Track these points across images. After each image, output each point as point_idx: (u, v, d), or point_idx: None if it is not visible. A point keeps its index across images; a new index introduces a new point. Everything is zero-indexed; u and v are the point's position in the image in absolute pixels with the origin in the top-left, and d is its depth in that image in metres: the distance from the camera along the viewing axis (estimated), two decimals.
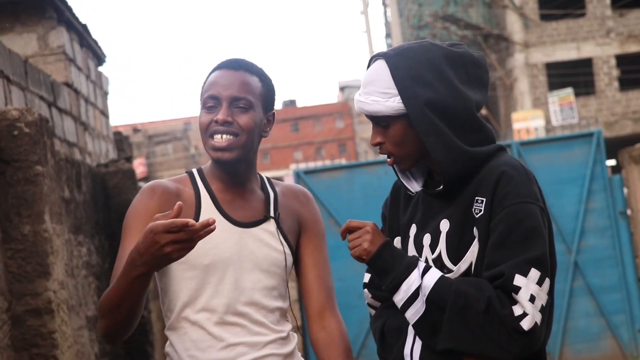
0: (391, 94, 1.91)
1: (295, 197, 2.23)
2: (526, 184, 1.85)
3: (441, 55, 1.92)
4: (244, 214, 2.11)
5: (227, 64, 2.10)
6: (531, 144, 8.10)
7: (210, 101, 2.06)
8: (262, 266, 2.10)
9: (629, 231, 7.94)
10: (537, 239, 1.82)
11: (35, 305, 3.42)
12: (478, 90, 1.96)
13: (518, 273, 1.78)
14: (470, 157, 1.90)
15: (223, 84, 2.06)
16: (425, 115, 1.88)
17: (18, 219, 3.42)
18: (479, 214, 1.87)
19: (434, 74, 1.89)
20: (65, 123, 6.11)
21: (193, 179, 2.14)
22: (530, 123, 18.36)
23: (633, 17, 23.93)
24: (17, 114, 3.45)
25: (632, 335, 7.84)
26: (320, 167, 8.28)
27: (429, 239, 1.96)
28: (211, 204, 2.10)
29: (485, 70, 1.99)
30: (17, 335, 3.40)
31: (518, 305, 1.78)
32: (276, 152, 62.45)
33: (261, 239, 2.11)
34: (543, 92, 23.42)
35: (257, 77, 2.11)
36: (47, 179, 3.54)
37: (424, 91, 1.88)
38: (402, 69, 1.90)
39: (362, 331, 7.74)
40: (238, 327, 2.06)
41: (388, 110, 1.91)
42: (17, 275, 3.42)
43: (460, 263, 1.89)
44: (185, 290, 2.06)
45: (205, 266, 2.05)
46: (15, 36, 6.36)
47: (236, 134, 2.05)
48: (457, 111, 1.89)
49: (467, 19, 24.83)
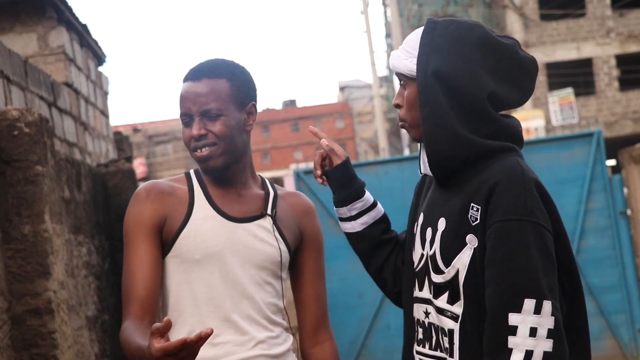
0: (412, 54, 1.91)
1: (298, 204, 2.24)
2: (520, 197, 1.75)
3: (477, 37, 1.86)
4: (239, 209, 2.13)
5: (190, 75, 2.12)
6: (531, 144, 8.09)
7: (185, 117, 2.10)
8: (255, 261, 2.10)
9: (629, 231, 7.94)
10: (523, 260, 1.73)
11: (35, 305, 3.42)
12: (505, 83, 1.87)
13: (511, 311, 1.72)
14: (462, 142, 1.82)
15: (190, 98, 2.09)
16: (429, 84, 1.84)
17: (18, 219, 3.42)
18: (475, 222, 1.81)
19: (458, 49, 1.84)
20: (65, 123, 6.11)
21: (189, 178, 2.19)
22: (530, 123, 18.36)
23: (633, 17, 23.93)
24: (17, 114, 3.45)
25: (632, 335, 7.84)
26: None
27: (430, 234, 1.93)
28: (204, 199, 2.12)
29: (524, 71, 1.89)
30: (17, 335, 3.40)
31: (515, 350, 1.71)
32: (276, 152, 62.46)
33: (255, 234, 2.12)
34: (543, 92, 23.43)
35: (222, 78, 2.11)
36: (47, 179, 3.53)
37: (438, 60, 1.84)
38: (432, 36, 1.88)
39: (362, 331, 7.74)
40: (228, 324, 2.06)
41: (404, 69, 1.92)
42: (17, 275, 3.41)
43: (449, 267, 1.85)
44: (177, 284, 2.08)
45: (196, 260, 2.06)
46: (15, 36, 6.36)
47: (214, 143, 2.08)
48: (466, 91, 1.82)
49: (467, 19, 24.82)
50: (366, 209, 2.13)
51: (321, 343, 2.23)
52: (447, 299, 1.86)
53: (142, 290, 2.04)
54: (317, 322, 2.24)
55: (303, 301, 2.25)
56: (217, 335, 2.04)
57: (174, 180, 2.18)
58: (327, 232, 8.09)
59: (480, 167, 1.84)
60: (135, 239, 2.07)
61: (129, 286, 2.06)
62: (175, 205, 2.10)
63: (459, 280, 1.83)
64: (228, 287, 2.07)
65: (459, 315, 1.84)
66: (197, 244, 2.06)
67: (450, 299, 1.86)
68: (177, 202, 2.11)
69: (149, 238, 2.07)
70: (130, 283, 2.06)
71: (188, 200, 2.12)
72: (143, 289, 2.04)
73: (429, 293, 1.93)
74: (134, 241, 2.07)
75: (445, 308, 1.87)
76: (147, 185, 2.14)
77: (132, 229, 2.09)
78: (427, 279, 1.93)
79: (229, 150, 2.10)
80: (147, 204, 2.09)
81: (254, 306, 2.10)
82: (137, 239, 2.07)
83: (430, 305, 1.92)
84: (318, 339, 2.23)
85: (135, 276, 2.05)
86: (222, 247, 2.08)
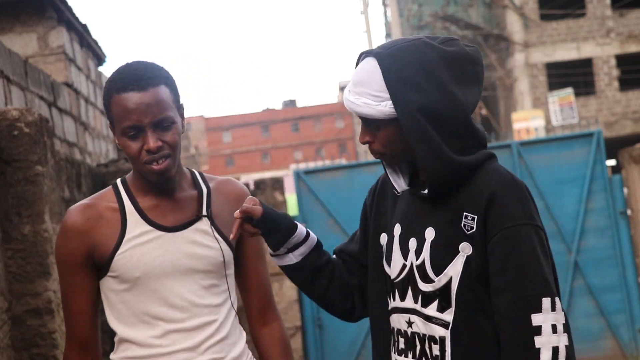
0: (383, 97, 1.87)
1: (232, 192, 2.21)
2: (519, 202, 1.84)
3: (436, 57, 1.86)
4: (174, 217, 2.09)
5: (132, 85, 1.99)
6: (531, 144, 8.09)
7: (131, 130, 1.99)
8: (198, 267, 2.08)
9: (629, 231, 7.94)
10: (536, 263, 1.81)
11: (35, 305, 3.42)
12: (475, 87, 1.91)
13: (533, 312, 1.78)
14: (457, 166, 1.87)
15: (139, 110, 1.97)
16: (416, 122, 1.84)
17: (18, 219, 3.42)
18: (470, 230, 1.85)
19: (428, 77, 1.84)
20: (65, 123, 6.11)
21: (117, 191, 2.12)
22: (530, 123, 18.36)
23: (633, 17, 23.93)
24: (17, 114, 3.45)
25: (632, 335, 7.84)
26: (320, 167, 8.28)
27: (414, 244, 1.94)
28: (137, 215, 2.07)
29: (480, 65, 1.94)
30: (17, 335, 3.40)
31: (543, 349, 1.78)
32: (276, 152, 62.45)
33: (194, 240, 2.09)
34: (543, 92, 23.43)
35: (162, 84, 2.03)
36: (47, 179, 3.53)
37: (417, 97, 1.83)
38: (394, 71, 1.85)
39: (362, 331, 7.74)
40: (177, 334, 2.06)
41: (379, 115, 1.87)
42: (17, 275, 3.42)
43: (440, 276, 1.87)
44: (121, 303, 2.08)
45: (136, 279, 2.05)
46: (15, 36, 6.36)
47: (169, 154, 2.02)
48: (449, 117, 1.85)
49: (467, 19, 24.83)
50: (301, 241, 2.12)
51: (269, 324, 2.25)
52: (436, 307, 1.89)
53: (79, 324, 2.10)
54: (263, 304, 2.25)
55: (247, 287, 2.25)
56: (167, 345, 2.05)
57: (102, 198, 2.11)
58: (327, 232, 8.09)
59: (468, 177, 1.89)
60: (67, 272, 2.09)
61: (67, 318, 2.13)
62: (104, 228, 2.06)
63: (452, 287, 1.86)
64: (174, 299, 2.06)
65: (449, 322, 1.87)
66: (134, 263, 2.04)
67: (440, 307, 1.88)
68: (106, 224, 2.06)
69: (80, 270, 2.07)
70: (67, 315, 2.12)
71: (120, 220, 2.07)
72: (81, 321, 2.10)
73: (413, 302, 1.94)
74: (66, 274, 2.09)
75: (434, 316, 1.89)
76: (73, 214, 2.09)
77: (61, 262, 2.09)
78: (412, 289, 1.94)
79: (178, 158, 2.07)
80: (74, 238, 2.06)
81: (204, 311, 2.08)
82: (68, 272, 2.08)
83: (414, 315, 1.94)
84: (266, 320, 2.25)
85: (72, 309, 2.10)
86: (161, 260, 2.05)
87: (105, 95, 2.05)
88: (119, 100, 2.00)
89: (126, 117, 1.99)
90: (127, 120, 1.99)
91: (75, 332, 2.11)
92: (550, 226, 7.83)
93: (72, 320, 2.11)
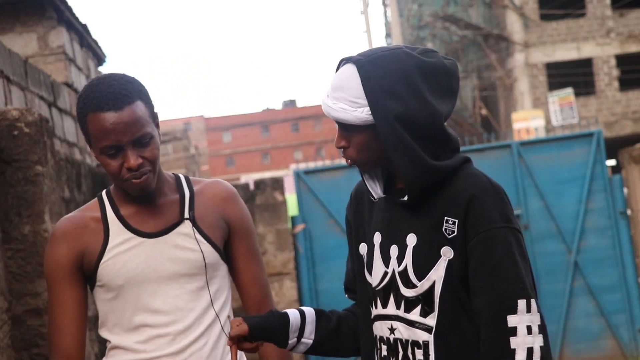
0: (360, 104, 1.88)
1: (217, 194, 2.21)
2: (496, 205, 1.86)
3: (414, 66, 1.89)
4: (155, 223, 2.10)
5: (108, 105, 1.98)
6: (531, 144, 8.09)
7: (110, 149, 2.00)
8: (181, 271, 2.08)
9: (629, 231, 7.94)
10: (512, 265, 1.83)
11: (35, 305, 3.42)
12: (448, 99, 1.95)
13: (509, 314, 1.81)
14: (435, 171, 1.89)
15: (117, 130, 1.97)
16: (394, 129, 1.86)
17: (18, 219, 3.42)
18: (451, 234, 1.88)
19: (406, 86, 1.87)
20: (65, 123, 6.11)
21: (102, 202, 2.14)
22: (530, 123, 18.37)
23: (633, 17, 23.93)
24: (17, 114, 3.45)
25: (632, 335, 7.84)
26: (320, 167, 8.28)
27: (396, 251, 1.96)
28: (119, 223, 2.09)
29: (456, 78, 1.98)
30: (17, 335, 3.40)
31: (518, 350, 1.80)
32: (276, 152, 62.46)
33: (176, 244, 2.09)
34: (543, 92, 23.43)
35: (137, 100, 2.02)
36: (47, 179, 3.54)
37: (395, 105, 1.86)
38: (373, 79, 1.87)
39: None
40: (162, 339, 2.06)
41: (356, 120, 1.89)
42: (17, 275, 3.42)
43: (423, 281, 1.90)
44: (110, 312, 2.09)
45: (120, 286, 2.06)
46: (15, 36, 6.36)
47: (149, 170, 2.03)
48: (425, 124, 1.88)
49: (467, 19, 24.83)
50: (302, 325, 2.09)
51: None
52: (419, 312, 1.91)
53: (66, 338, 2.09)
54: (259, 304, 2.26)
55: (242, 286, 2.26)
56: (152, 351, 2.06)
57: (87, 209, 2.14)
58: (327, 232, 8.10)
59: (446, 182, 1.92)
60: (56, 283, 2.10)
61: (53, 333, 2.11)
62: (89, 237, 2.08)
63: (435, 292, 1.89)
64: (158, 304, 2.07)
65: (432, 327, 1.89)
66: (116, 271, 2.05)
67: (423, 311, 1.91)
68: (92, 233, 2.08)
69: (69, 280, 2.09)
70: (53, 328, 2.11)
71: (103, 229, 2.09)
72: (68, 335, 2.09)
73: (395, 309, 1.96)
74: (54, 285, 2.10)
75: (417, 321, 1.91)
76: (61, 224, 2.12)
77: (51, 273, 2.11)
78: (394, 295, 1.96)
79: (157, 170, 2.09)
80: (63, 245, 2.08)
81: (190, 314, 2.09)
82: (57, 283, 2.09)
83: (396, 321, 1.96)
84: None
85: (58, 322, 2.10)
86: (144, 267, 2.06)
87: (80, 113, 2.04)
88: (95, 120, 1.99)
89: (104, 137, 1.99)
90: (106, 139, 1.99)
91: (62, 347, 2.10)
92: (550, 226, 7.84)
93: (58, 334, 2.10)
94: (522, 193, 7.76)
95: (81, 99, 2.05)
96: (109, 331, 2.11)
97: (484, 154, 7.82)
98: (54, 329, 2.11)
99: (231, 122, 63.67)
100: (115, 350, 2.10)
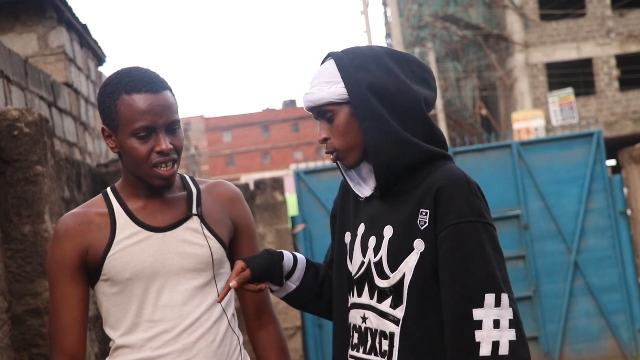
0: (335, 81, 1.96)
1: (224, 194, 2.21)
2: (467, 199, 1.86)
3: (385, 53, 1.98)
4: (163, 217, 2.10)
5: (147, 87, 2.00)
6: (531, 144, 8.09)
7: (143, 131, 1.99)
8: (188, 266, 2.08)
9: (629, 231, 7.94)
10: (481, 258, 1.83)
11: (35, 305, 3.42)
12: (425, 88, 1.99)
13: (474, 307, 1.81)
14: (408, 144, 1.91)
15: (154, 111, 1.98)
16: (365, 99, 1.91)
17: (18, 219, 3.42)
18: (423, 226, 1.89)
19: (377, 64, 1.94)
20: (65, 123, 6.11)
21: (107, 197, 2.13)
22: (530, 123, 18.38)
23: (633, 17, 23.93)
24: (17, 114, 3.45)
25: (632, 335, 7.85)
26: (320, 167, 8.27)
27: (373, 242, 1.98)
28: (126, 217, 2.08)
29: (431, 76, 2.02)
30: (17, 335, 3.40)
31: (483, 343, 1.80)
32: (276, 152, 62.46)
33: (184, 239, 2.09)
34: (543, 92, 23.43)
35: (168, 89, 2.05)
36: (47, 179, 3.54)
37: (366, 75, 1.92)
38: (346, 59, 1.95)
39: None
40: (167, 334, 2.06)
41: (331, 96, 1.95)
42: (17, 275, 3.42)
43: (395, 272, 1.91)
44: (114, 306, 2.08)
45: (126, 280, 2.05)
46: (15, 36, 6.36)
47: (176, 159, 2.04)
48: (400, 99, 1.92)
49: (467, 19, 24.84)
50: (292, 268, 2.14)
51: (265, 326, 2.25)
52: (390, 304, 1.93)
53: (69, 337, 2.08)
54: (259, 306, 2.25)
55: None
56: (157, 348, 2.05)
57: (92, 205, 2.12)
58: (327, 232, 8.05)
59: (423, 174, 1.93)
60: (59, 280, 2.08)
61: (56, 331, 2.09)
62: (94, 233, 2.07)
63: (404, 284, 1.90)
64: (165, 299, 2.06)
65: (400, 319, 1.91)
66: (124, 264, 2.04)
67: (393, 303, 1.92)
68: (97, 229, 2.07)
69: (73, 277, 2.07)
70: (57, 327, 2.09)
71: (109, 223, 2.08)
72: (71, 334, 2.08)
73: (369, 298, 1.98)
74: (57, 282, 2.08)
75: (387, 312, 1.94)
76: (64, 220, 2.10)
77: (54, 269, 2.09)
78: (368, 285, 1.99)
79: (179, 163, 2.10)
80: (67, 242, 2.07)
81: (196, 310, 2.08)
82: (60, 280, 2.07)
83: (368, 310, 1.98)
84: (262, 322, 2.25)
85: (61, 320, 2.08)
86: (152, 260, 2.05)
87: (110, 97, 2.02)
88: (130, 101, 1.99)
89: (139, 118, 1.99)
90: (141, 120, 1.98)
91: (65, 345, 2.09)
92: (550, 226, 7.84)
93: (62, 333, 2.09)
94: (522, 193, 7.77)
95: (111, 83, 2.03)
96: (111, 328, 2.10)
97: (484, 154, 7.83)
98: (57, 327, 2.10)
99: (231, 122, 63.67)
100: (120, 350, 2.09)
